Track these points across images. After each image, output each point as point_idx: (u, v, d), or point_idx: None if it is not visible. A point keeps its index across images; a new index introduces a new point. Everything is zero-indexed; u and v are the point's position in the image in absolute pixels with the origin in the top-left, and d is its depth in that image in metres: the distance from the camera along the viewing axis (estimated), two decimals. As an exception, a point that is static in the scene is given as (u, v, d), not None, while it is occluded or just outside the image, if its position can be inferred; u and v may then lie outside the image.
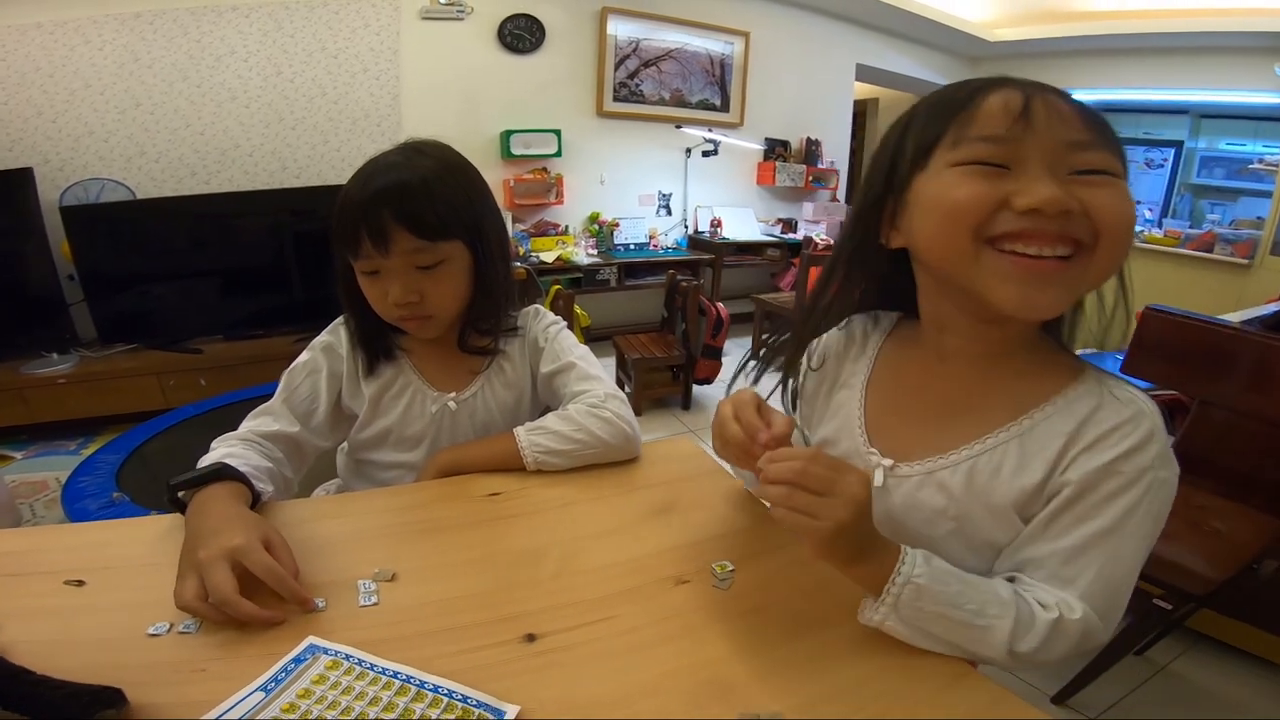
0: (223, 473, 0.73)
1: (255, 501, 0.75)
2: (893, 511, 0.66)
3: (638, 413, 3.22)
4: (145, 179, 3.12)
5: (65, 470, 2.50)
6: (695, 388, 3.43)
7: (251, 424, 0.89)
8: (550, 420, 0.91)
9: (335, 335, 0.98)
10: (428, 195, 0.83)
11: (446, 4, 3.60)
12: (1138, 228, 5.05)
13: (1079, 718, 1.52)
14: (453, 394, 0.97)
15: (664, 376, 3.37)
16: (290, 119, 3.36)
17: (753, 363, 0.80)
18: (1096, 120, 0.56)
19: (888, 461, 0.66)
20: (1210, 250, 4.65)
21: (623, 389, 3.45)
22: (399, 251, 0.83)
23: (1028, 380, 0.62)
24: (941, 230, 0.57)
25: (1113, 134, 0.56)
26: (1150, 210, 5.75)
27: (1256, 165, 4.78)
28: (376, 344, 0.96)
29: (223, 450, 0.81)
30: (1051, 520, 0.58)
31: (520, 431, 0.89)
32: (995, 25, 5.29)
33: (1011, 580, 0.59)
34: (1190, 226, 5.12)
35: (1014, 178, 0.54)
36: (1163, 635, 1.70)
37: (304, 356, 0.97)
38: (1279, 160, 4.40)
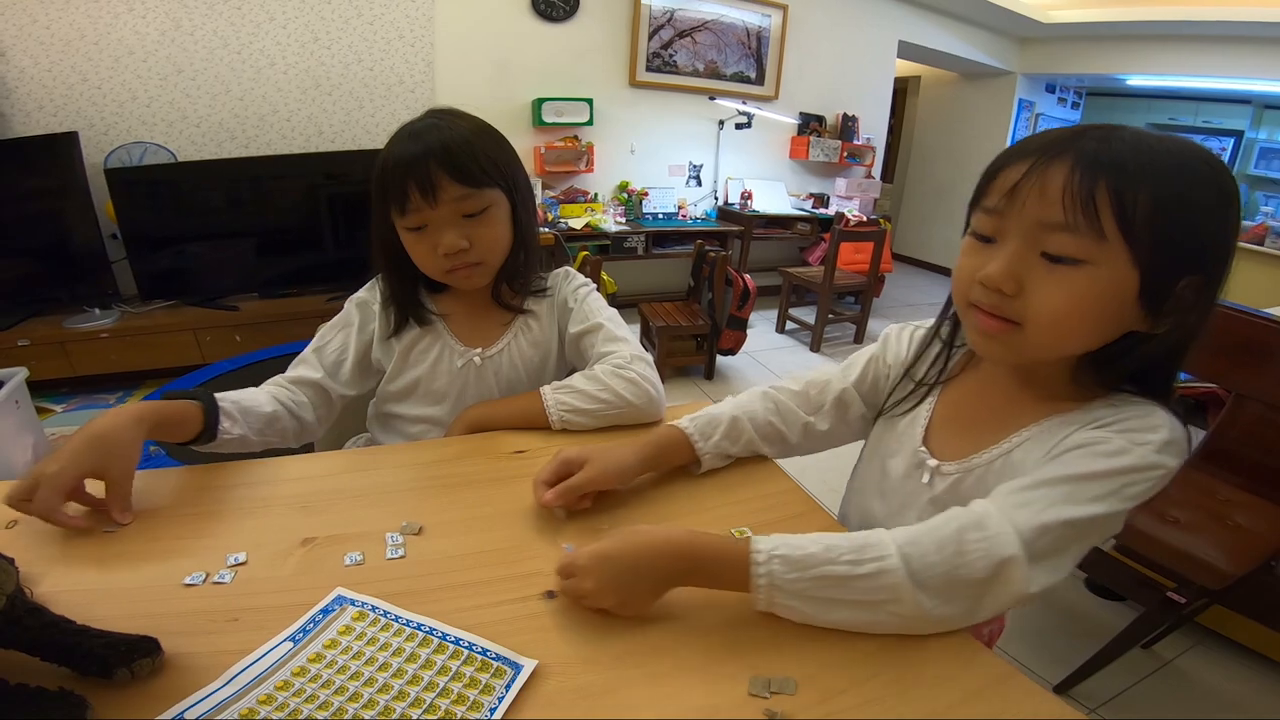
0: (200, 399, 0.81)
1: (206, 432, 0.81)
2: (936, 500, 0.71)
3: (660, 381, 3.23)
4: (186, 143, 3.17)
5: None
6: (719, 358, 3.42)
7: (290, 370, 0.98)
8: (576, 380, 0.93)
9: (371, 292, 1.03)
10: (469, 148, 0.87)
11: (482, -31, 3.57)
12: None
13: (1080, 707, 1.51)
14: (479, 349, 0.99)
15: (688, 345, 3.36)
16: (326, 85, 3.38)
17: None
18: (1095, 197, 0.54)
19: (933, 462, 0.73)
20: (1261, 243, 4.49)
21: (646, 357, 3.46)
22: (446, 200, 0.86)
23: (1060, 398, 0.67)
24: (953, 287, 0.67)
25: (1123, 207, 0.53)
26: (1206, 201, 5.57)
27: None
28: (409, 308, 0.99)
29: (254, 389, 0.92)
30: (1041, 459, 0.62)
31: (546, 390, 0.92)
32: (1049, 6, 5.07)
33: None
34: (1244, 218, 4.95)
35: (993, 251, 0.61)
36: (1171, 629, 1.68)
37: (344, 311, 1.02)
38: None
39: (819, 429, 0.86)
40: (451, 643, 0.54)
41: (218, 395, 0.84)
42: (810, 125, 4.88)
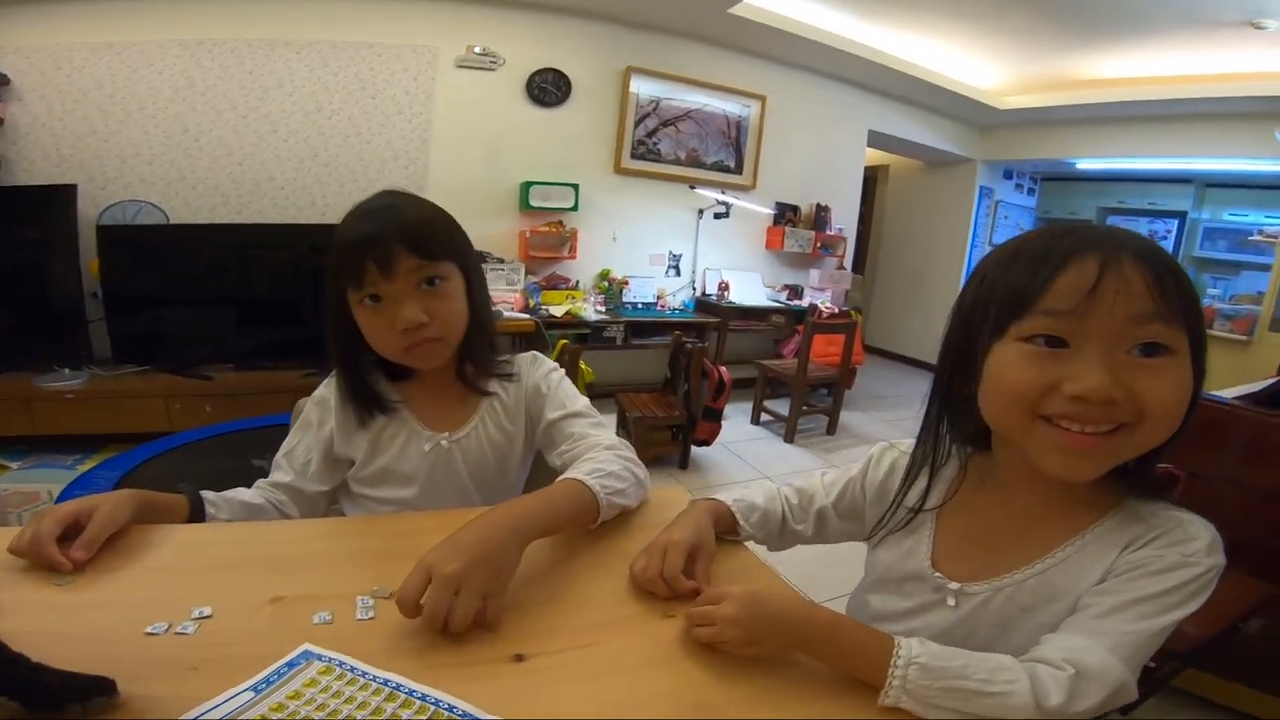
0: (186, 492, 0.88)
1: (196, 518, 0.87)
2: (966, 622, 0.71)
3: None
4: (180, 204, 3.21)
5: (58, 484, 2.47)
6: (694, 448, 3.45)
7: (270, 474, 1.00)
8: (601, 464, 0.89)
9: (329, 389, 1.02)
10: (426, 225, 0.90)
11: (481, 54, 3.77)
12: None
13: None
14: (446, 433, 1.00)
15: (663, 436, 3.40)
16: (324, 155, 3.49)
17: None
18: (1168, 286, 0.57)
19: (955, 585, 0.72)
20: (1210, 326, 4.66)
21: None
22: (403, 272, 0.87)
23: (1083, 505, 0.68)
24: (1000, 404, 0.64)
25: (1185, 298, 0.58)
26: (1155, 285, 5.81)
27: (1257, 237, 4.81)
28: (369, 399, 0.98)
29: (240, 490, 0.96)
30: (1101, 590, 0.63)
31: (585, 479, 0.84)
32: (1004, 93, 5.41)
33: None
34: (1191, 302, 5.15)
35: (1069, 359, 0.58)
36: (1149, 695, 1.68)
37: (304, 412, 1.03)
38: (1278, 232, 4.41)
39: (804, 535, 0.91)
40: (418, 698, 0.54)
41: (203, 494, 0.89)
42: (785, 215, 5.06)
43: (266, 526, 0.85)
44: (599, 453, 0.92)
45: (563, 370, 1.09)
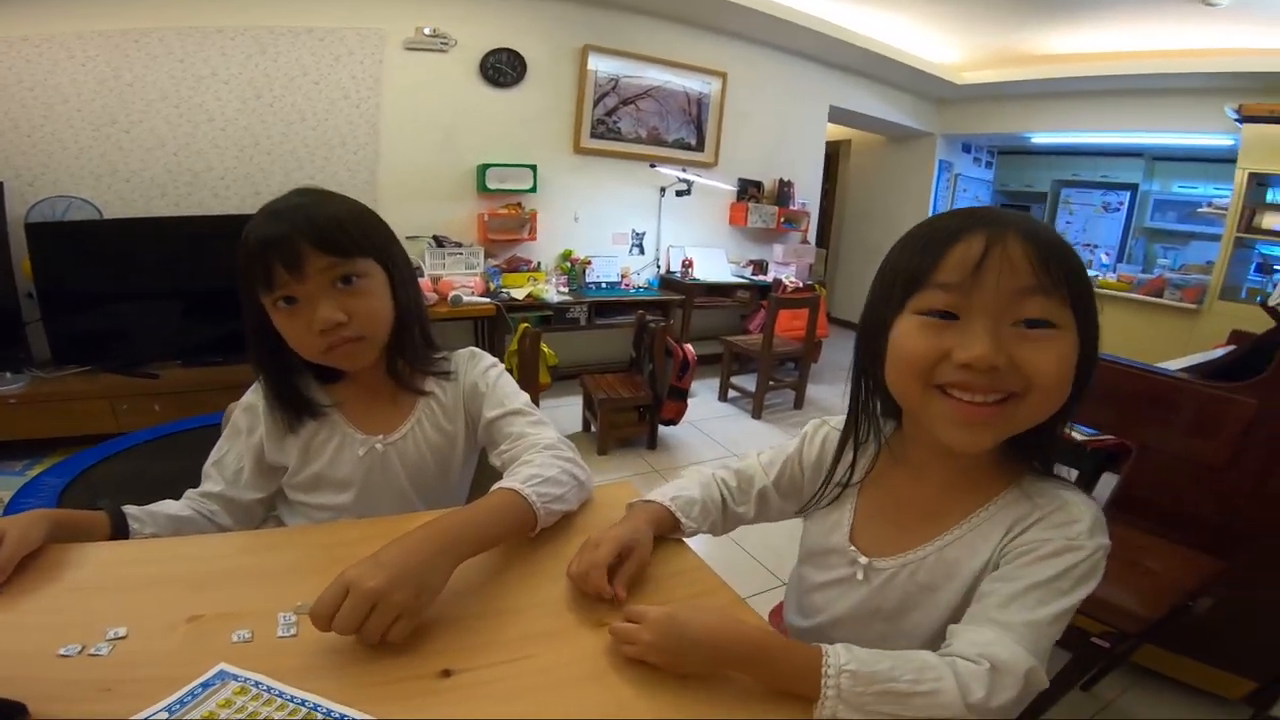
0: (106, 508, 0.84)
1: (120, 534, 0.84)
2: (874, 597, 0.75)
3: (603, 452, 3.27)
4: (114, 198, 3.09)
5: (9, 490, 2.42)
6: (661, 428, 3.45)
7: (201, 484, 0.97)
8: (538, 469, 0.86)
9: (256, 395, 0.98)
10: (336, 220, 0.85)
11: (431, 35, 3.64)
12: (1093, 272, 5.19)
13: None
14: (380, 436, 0.97)
15: (630, 417, 3.39)
16: (266, 144, 3.36)
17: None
18: (1051, 261, 0.60)
19: (864, 560, 0.75)
20: (1160, 295, 4.78)
21: (589, 428, 3.42)
22: (314, 271, 0.83)
23: (985, 482, 0.71)
24: (898, 375, 0.67)
25: (1067, 272, 0.60)
26: (1106, 254, 5.98)
27: (1206, 209, 4.93)
28: (296, 405, 0.95)
29: (169, 500, 0.93)
30: (998, 577, 0.66)
31: (519, 488, 0.81)
32: (962, 68, 5.49)
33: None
34: (1142, 271, 5.29)
35: (959, 330, 0.62)
36: (1107, 671, 1.72)
37: (233, 419, 1.00)
38: (1228, 204, 4.52)
39: (746, 516, 0.92)
40: (336, 719, 0.53)
41: (125, 509, 0.86)
42: (749, 191, 5.05)
43: (190, 542, 0.82)
44: (536, 454, 0.90)
45: (502, 366, 1.06)
